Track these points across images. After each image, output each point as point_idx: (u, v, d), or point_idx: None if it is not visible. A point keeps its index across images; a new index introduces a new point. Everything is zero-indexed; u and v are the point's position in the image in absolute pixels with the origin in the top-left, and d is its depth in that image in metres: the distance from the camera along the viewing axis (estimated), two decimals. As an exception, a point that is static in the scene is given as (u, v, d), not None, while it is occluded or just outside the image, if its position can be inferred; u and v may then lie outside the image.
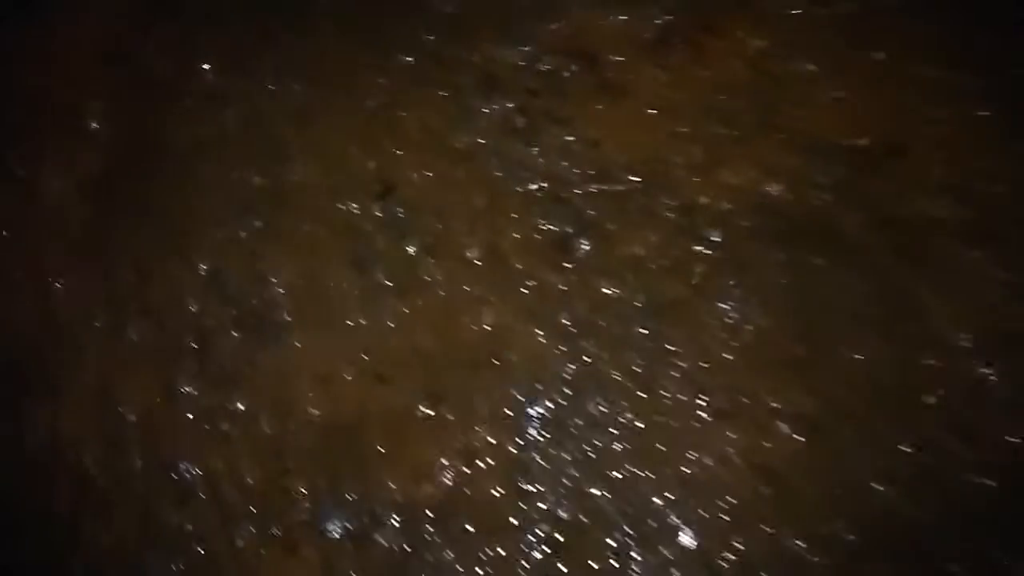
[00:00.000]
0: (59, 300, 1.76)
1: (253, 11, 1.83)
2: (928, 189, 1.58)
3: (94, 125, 1.87)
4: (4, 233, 1.83)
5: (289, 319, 1.64)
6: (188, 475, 1.59)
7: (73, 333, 1.73)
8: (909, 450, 1.44)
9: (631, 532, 1.47)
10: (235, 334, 1.65)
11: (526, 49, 1.71)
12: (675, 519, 1.46)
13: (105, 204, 1.81)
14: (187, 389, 1.64)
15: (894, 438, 1.45)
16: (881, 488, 1.44)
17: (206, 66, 1.82)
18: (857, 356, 1.49)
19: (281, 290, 1.66)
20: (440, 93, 1.71)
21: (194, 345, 1.66)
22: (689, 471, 1.48)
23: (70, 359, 1.71)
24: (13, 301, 1.78)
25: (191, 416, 1.63)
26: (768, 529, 1.43)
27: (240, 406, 1.61)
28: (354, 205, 1.68)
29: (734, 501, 1.46)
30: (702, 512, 1.46)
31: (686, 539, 1.45)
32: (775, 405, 1.49)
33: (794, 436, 1.47)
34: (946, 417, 1.43)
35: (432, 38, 1.75)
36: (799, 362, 1.51)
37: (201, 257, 1.71)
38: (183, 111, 1.81)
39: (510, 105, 1.69)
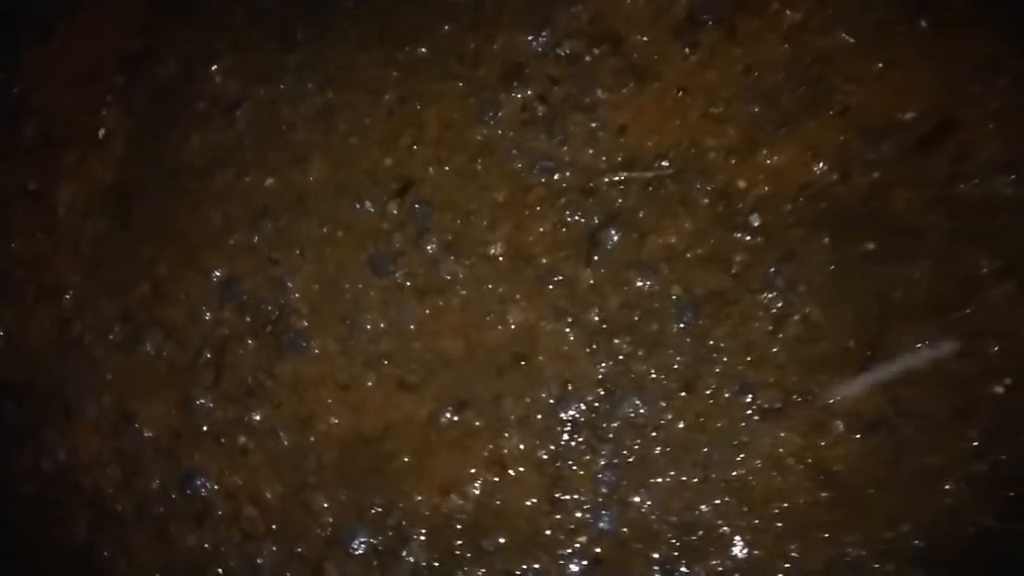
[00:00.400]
0: (73, 316, 1.71)
1: (267, 12, 1.78)
2: (983, 165, 1.48)
3: (107, 135, 1.83)
4: (16, 248, 1.79)
5: (306, 325, 1.58)
6: (205, 492, 1.52)
7: (88, 350, 1.68)
8: (978, 444, 1.34)
9: (677, 543, 1.38)
10: (251, 343, 1.59)
11: (545, 34, 1.63)
12: (725, 528, 1.37)
13: (119, 216, 1.77)
14: (203, 402, 1.58)
15: (961, 432, 1.35)
16: (949, 488, 1.34)
17: (219, 69, 1.77)
18: (916, 345, 1.39)
19: (297, 295, 1.59)
20: (457, 84, 1.64)
21: (209, 356, 1.60)
22: (738, 475, 1.39)
23: (85, 377, 1.66)
24: (27, 319, 1.74)
25: (208, 430, 1.56)
26: (826, 535, 1.34)
27: (257, 418, 1.55)
28: (370, 204, 1.61)
29: (788, 506, 1.36)
30: (754, 519, 1.36)
31: (737, 549, 1.36)
32: (829, 401, 1.39)
33: (851, 434, 1.37)
34: (1016, 407, 1.33)
35: (447, 28, 1.68)
36: (852, 354, 1.41)
37: (215, 264, 1.65)
38: (197, 117, 1.76)
39: (530, 93, 1.61)
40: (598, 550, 1.40)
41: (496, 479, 1.45)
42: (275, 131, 1.70)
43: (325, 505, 1.49)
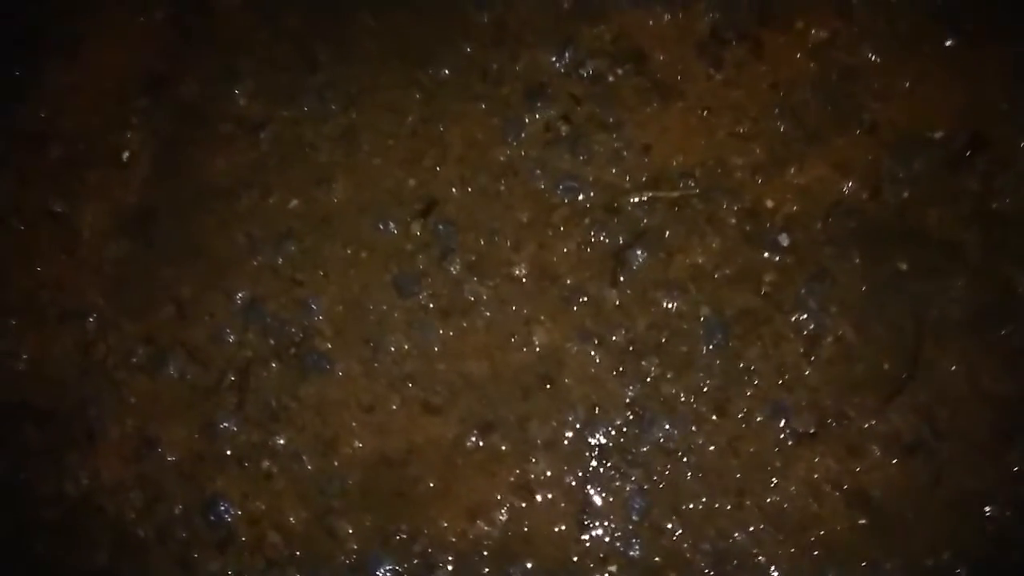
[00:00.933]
0: (96, 338, 1.70)
1: (291, 34, 1.79)
2: (1016, 181, 1.45)
3: (132, 156, 1.83)
4: (39, 270, 1.79)
5: (330, 346, 1.56)
6: (228, 517, 1.50)
7: (111, 372, 1.66)
8: (1019, 468, 1.30)
9: (711, 573, 1.34)
10: (275, 365, 1.57)
11: (568, 53, 1.62)
12: (760, 556, 1.33)
13: (142, 237, 1.76)
14: (226, 425, 1.56)
15: (1002, 455, 1.31)
16: (991, 513, 1.29)
17: (243, 91, 1.77)
18: (953, 366, 1.35)
19: (321, 317, 1.58)
20: (480, 104, 1.64)
21: (233, 378, 1.58)
22: (772, 501, 1.35)
23: (108, 400, 1.64)
24: (50, 342, 1.73)
25: (231, 454, 1.54)
26: (865, 563, 1.30)
27: (281, 441, 1.53)
28: (394, 224, 1.60)
29: (825, 533, 1.33)
30: (790, 547, 1.33)
31: (774, 578, 1.33)
32: (864, 425, 1.35)
33: (888, 458, 1.34)
34: (1059, 430, 1.29)
35: (470, 49, 1.67)
36: (888, 376, 1.38)
37: (239, 286, 1.64)
38: (221, 138, 1.76)
39: (554, 113, 1.60)
40: (628, 579, 1.37)
41: (523, 504, 1.43)
42: (299, 152, 1.70)
43: (350, 531, 1.46)
